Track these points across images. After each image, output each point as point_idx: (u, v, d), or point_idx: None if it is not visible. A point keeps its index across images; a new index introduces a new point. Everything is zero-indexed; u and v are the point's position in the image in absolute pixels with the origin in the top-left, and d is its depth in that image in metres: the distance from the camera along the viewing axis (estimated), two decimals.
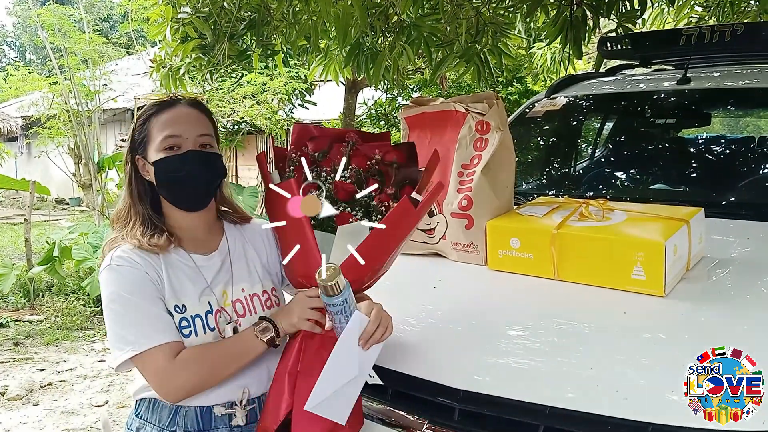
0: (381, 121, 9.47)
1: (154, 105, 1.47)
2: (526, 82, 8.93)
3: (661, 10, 4.72)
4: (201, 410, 1.41)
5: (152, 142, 1.42)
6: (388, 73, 3.38)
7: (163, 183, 1.42)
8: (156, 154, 1.41)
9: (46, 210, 12.33)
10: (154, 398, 1.42)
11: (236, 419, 1.43)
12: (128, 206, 1.45)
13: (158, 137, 1.41)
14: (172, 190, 1.43)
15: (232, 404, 1.43)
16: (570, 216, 1.74)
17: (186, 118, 1.43)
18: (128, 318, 1.35)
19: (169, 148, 1.40)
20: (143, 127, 1.44)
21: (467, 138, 1.94)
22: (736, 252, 1.86)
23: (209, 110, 1.53)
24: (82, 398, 4.05)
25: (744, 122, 4.59)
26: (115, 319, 1.36)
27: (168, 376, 1.34)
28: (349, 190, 1.41)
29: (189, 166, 1.40)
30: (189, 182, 1.41)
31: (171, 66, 3.72)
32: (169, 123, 1.42)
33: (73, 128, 9.33)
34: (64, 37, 9.70)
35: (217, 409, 1.42)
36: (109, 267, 1.37)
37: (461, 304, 1.70)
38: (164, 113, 1.43)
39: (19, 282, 6.21)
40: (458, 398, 1.37)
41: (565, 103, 2.95)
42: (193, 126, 1.43)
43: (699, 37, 2.52)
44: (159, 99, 1.49)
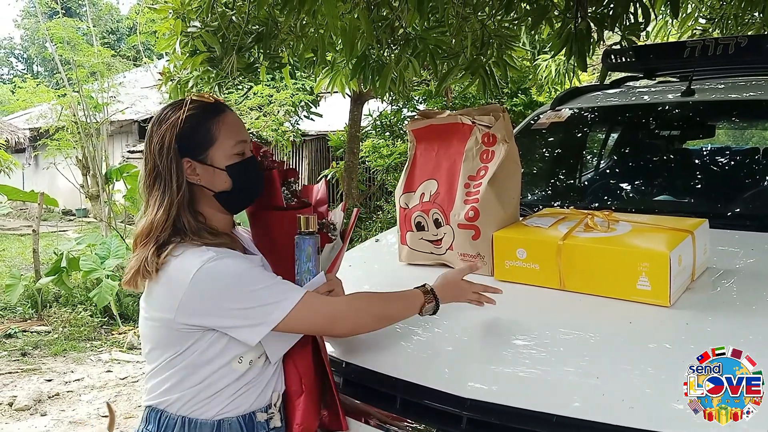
0: (386, 132, 9.51)
1: (207, 106, 1.41)
2: (530, 93, 8.96)
3: (665, 22, 4.75)
4: (244, 419, 1.40)
5: (219, 145, 1.39)
6: (394, 85, 3.41)
7: (238, 188, 1.41)
8: (228, 159, 1.39)
9: (53, 221, 12.38)
10: (191, 417, 1.37)
11: (274, 421, 1.45)
12: (174, 216, 1.35)
13: (228, 141, 1.40)
14: (241, 195, 1.45)
15: (268, 408, 1.45)
16: (576, 227, 1.76)
17: (243, 124, 1.47)
18: (265, 287, 1.32)
19: (240, 153, 1.41)
20: (199, 128, 1.38)
21: (474, 150, 1.96)
22: (741, 263, 1.87)
23: None
24: (89, 408, 4.07)
25: (748, 134, 4.61)
26: (252, 294, 1.30)
27: (342, 310, 1.39)
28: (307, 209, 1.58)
29: (257, 172, 1.46)
30: (257, 187, 1.47)
31: (180, 79, 3.76)
32: (236, 127, 1.42)
33: (81, 140, 9.40)
34: (72, 49, 9.79)
35: (260, 415, 1.43)
36: (214, 260, 1.30)
37: (468, 314, 1.72)
38: (226, 116, 1.42)
39: (27, 293, 6.24)
40: (466, 407, 1.38)
41: (569, 115, 2.97)
42: (247, 132, 1.47)
43: (703, 49, 2.54)
44: (204, 100, 1.42)
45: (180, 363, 1.35)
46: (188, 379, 1.36)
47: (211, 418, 1.37)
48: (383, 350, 1.62)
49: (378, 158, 9.26)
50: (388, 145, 9.34)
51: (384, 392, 1.55)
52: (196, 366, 1.35)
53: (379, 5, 3.11)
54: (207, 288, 1.29)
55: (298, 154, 12.18)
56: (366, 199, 10.42)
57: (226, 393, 1.38)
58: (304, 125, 11.27)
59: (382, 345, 1.63)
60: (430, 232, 2.02)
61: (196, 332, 1.33)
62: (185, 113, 1.38)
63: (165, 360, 1.37)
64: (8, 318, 6.01)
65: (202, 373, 1.35)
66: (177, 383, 1.37)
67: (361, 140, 9.31)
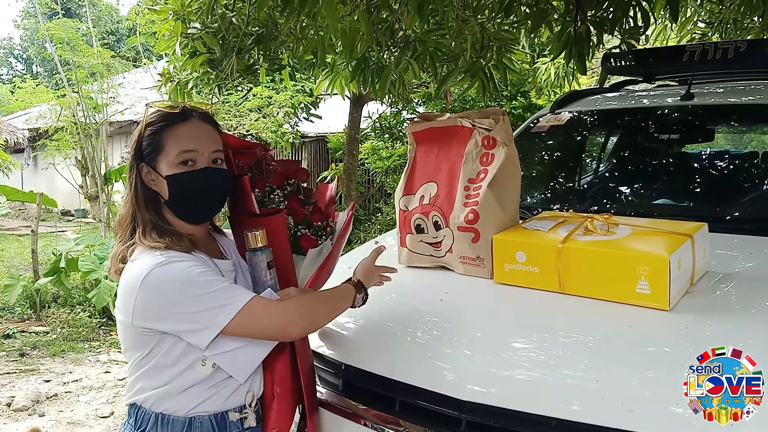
0: (385, 134, 9.52)
1: (166, 115, 1.45)
2: (529, 96, 8.97)
3: (665, 26, 4.76)
4: (216, 417, 1.42)
5: (165, 155, 1.41)
6: (394, 87, 3.42)
7: (175, 198, 1.42)
8: (169, 168, 1.41)
9: (52, 222, 12.38)
10: (164, 413, 1.41)
11: (249, 421, 1.46)
12: (132, 213, 1.45)
13: (173, 151, 1.41)
14: (184, 205, 1.44)
15: (242, 408, 1.46)
16: (575, 230, 1.76)
17: (201, 134, 1.44)
18: (212, 291, 1.33)
19: (183, 163, 1.41)
20: (154, 136, 1.42)
21: (473, 153, 1.96)
22: (740, 267, 1.87)
23: (218, 124, 1.54)
24: (87, 409, 4.06)
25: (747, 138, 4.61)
26: (197, 299, 1.33)
27: (287, 312, 1.39)
28: (303, 212, 1.60)
29: (204, 183, 1.42)
30: (202, 198, 1.44)
31: (179, 80, 3.76)
32: (184, 137, 1.41)
33: (80, 140, 9.39)
34: (72, 50, 9.79)
35: (232, 415, 1.44)
36: (162, 265, 1.34)
37: (468, 317, 1.72)
38: (179, 126, 1.43)
39: (26, 293, 6.24)
40: (465, 409, 1.39)
41: (569, 118, 2.97)
42: (207, 142, 1.43)
43: (702, 53, 2.55)
44: (170, 108, 1.47)
45: (147, 364, 1.40)
46: (156, 379, 1.40)
47: (182, 415, 1.40)
48: (382, 352, 1.62)
49: (377, 160, 9.28)
50: (387, 147, 9.35)
51: (383, 395, 1.56)
52: (162, 367, 1.39)
53: (379, 7, 3.12)
54: (154, 292, 1.33)
55: (298, 155, 12.18)
56: (365, 201, 10.43)
57: (193, 393, 1.40)
58: (303, 127, 11.27)
59: (381, 347, 1.64)
60: (429, 235, 2.02)
61: (155, 335, 1.37)
62: (146, 120, 1.45)
63: (135, 361, 1.42)
64: (6, 318, 6.01)
65: (169, 373, 1.39)
66: (147, 382, 1.41)
67: (361, 142, 9.32)
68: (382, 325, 1.73)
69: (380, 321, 1.74)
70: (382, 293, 1.78)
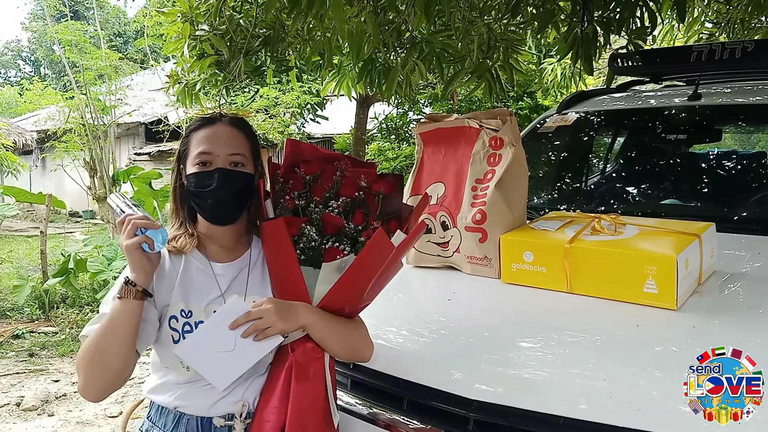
0: (392, 135, 9.53)
1: (197, 120, 1.55)
2: (536, 96, 8.97)
3: (672, 26, 4.75)
4: (202, 420, 1.45)
5: (190, 156, 1.49)
6: (401, 88, 3.43)
7: (191, 195, 1.50)
8: (190, 168, 1.48)
9: (61, 223, 12.45)
10: (160, 404, 1.48)
11: (235, 431, 1.46)
12: (173, 209, 1.58)
13: (194, 152, 1.48)
14: (199, 203, 1.50)
15: (231, 416, 1.46)
16: (583, 230, 1.77)
17: (221, 136, 1.49)
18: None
19: (201, 164, 1.47)
20: (186, 140, 1.53)
21: (481, 153, 1.97)
22: (748, 266, 1.87)
23: (251, 129, 1.57)
24: (96, 409, 4.09)
25: (755, 138, 4.60)
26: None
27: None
28: (337, 224, 1.44)
29: (215, 183, 1.46)
30: (213, 198, 1.47)
31: (187, 81, 3.78)
32: (204, 140, 1.48)
33: (88, 142, 9.45)
34: (80, 52, 9.85)
35: (217, 420, 1.45)
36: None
37: (475, 316, 1.73)
38: (203, 129, 1.50)
39: (35, 294, 6.28)
40: (473, 408, 1.39)
41: (576, 118, 2.98)
42: (226, 144, 1.48)
43: (710, 53, 2.55)
44: (204, 115, 1.56)
45: (154, 357, 1.52)
46: (155, 373, 1.52)
47: (169, 405, 1.46)
48: (390, 352, 1.62)
49: (384, 161, 9.29)
50: (393, 148, 9.37)
51: (391, 393, 1.56)
52: (157, 363, 1.51)
53: (385, 9, 3.12)
54: None
55: None
56: None
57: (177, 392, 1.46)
58: (310, 128, 11.30)
59: (389, 346, 1.64)
60: (437, 235, 2.03)
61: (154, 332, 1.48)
62: (187, 125, 1.61)
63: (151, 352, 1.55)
64: (16, 319, 6.05)
65: (160, 369, 1.50)
66: (152, 374, 1.54)
67: (367, 143, 9.34)
68: (390, 324, 1.73)
69: (388, 320, 1.74)
70: (390, 293, 1.78)
